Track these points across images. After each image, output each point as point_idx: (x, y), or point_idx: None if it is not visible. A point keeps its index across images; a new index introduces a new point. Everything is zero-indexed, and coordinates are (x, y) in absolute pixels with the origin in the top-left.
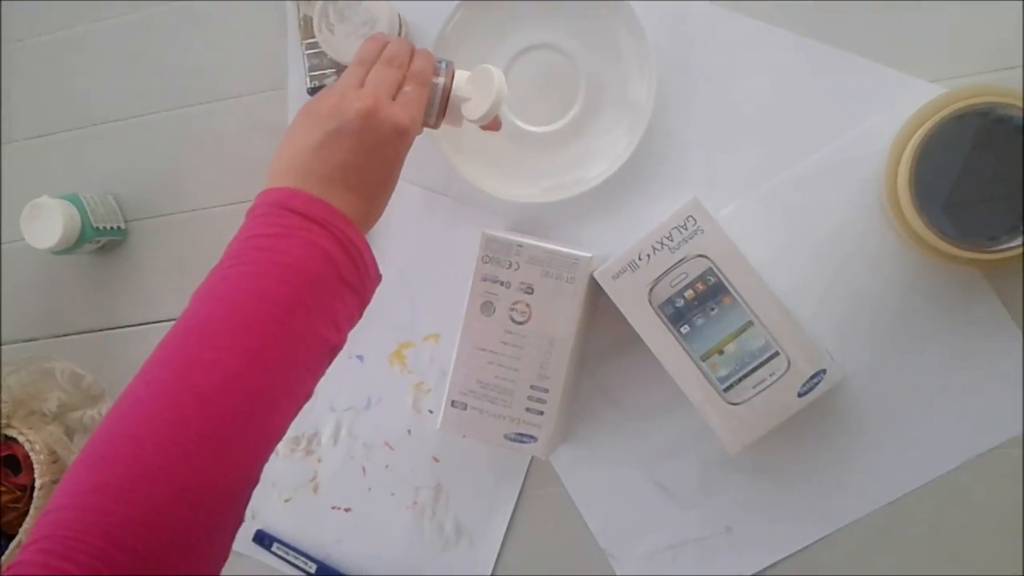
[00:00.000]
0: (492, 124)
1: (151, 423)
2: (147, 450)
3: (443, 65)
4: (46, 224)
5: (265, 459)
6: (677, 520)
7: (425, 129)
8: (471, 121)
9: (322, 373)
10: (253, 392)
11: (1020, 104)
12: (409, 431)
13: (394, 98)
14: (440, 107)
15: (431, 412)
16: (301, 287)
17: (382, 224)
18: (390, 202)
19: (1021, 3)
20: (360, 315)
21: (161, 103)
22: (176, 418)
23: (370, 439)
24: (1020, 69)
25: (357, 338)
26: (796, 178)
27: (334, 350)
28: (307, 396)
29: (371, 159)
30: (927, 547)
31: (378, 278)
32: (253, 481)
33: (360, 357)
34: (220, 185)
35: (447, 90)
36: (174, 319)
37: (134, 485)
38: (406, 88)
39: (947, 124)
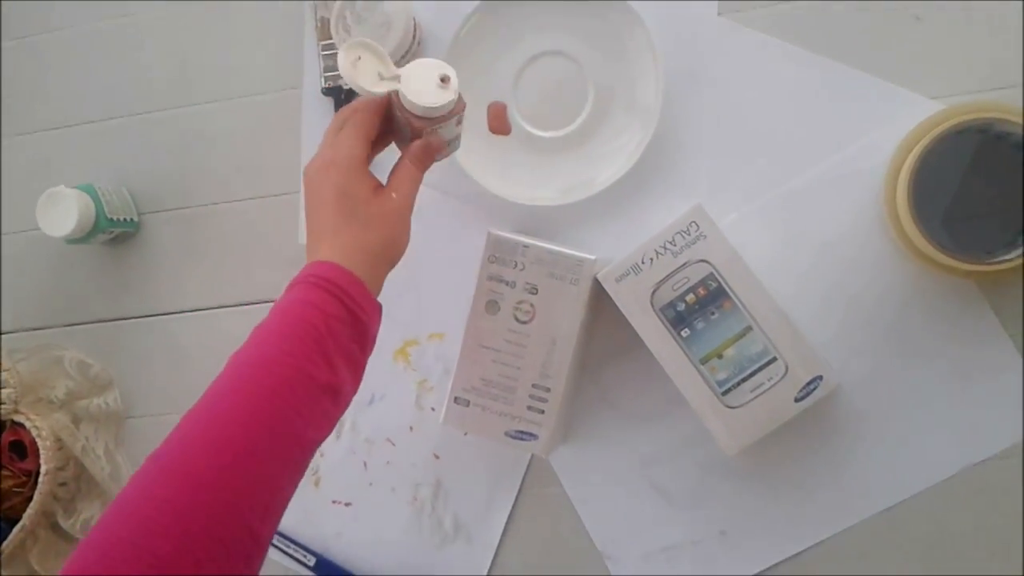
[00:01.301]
0: (501, 128)
1: (132, 493)
2: (117, 523)
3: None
4: (62, 213)
5: (268, 514)
6: (673, 522)
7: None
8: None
9: (321, 414)
10: (228, 446)
11: (1019, 121)
12: (411, 428)
13: None
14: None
15: (433, 409)
16: (279, 341)
17: None
18: None
19: (1022, 19)
20: (360, 346)
21: (177, 99)
22: (152, 493)
23: (372, 435)
24: (1021, 88)
25: None
26: (798, 189)
27: (330, 388)
28: (303, 441)
29: (314, 203)
30: (920, 555)
31: (369, 302)
32: (257, 540)
33: None
34: (232, 182)
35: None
36: (182, 311)
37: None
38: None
39: (946, 139)
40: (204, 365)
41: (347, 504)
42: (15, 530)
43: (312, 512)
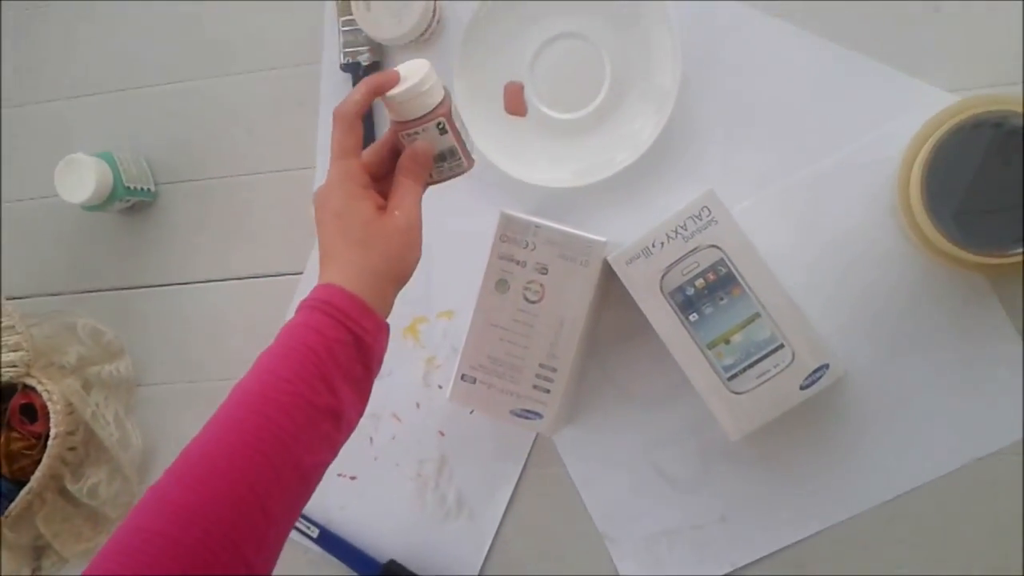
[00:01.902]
0: (517, 109)
1: (129, 525)
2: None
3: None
4: (79, 179)
5: (264, 544)
6: (674, 506)
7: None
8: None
9: (322, 439)
10: (223, 478)
11: None
12: (418, 404)
13: None
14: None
15: (440, 387)
16: (278, 368)
17: None
18: None
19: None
20: (365, 367)
21: (198, 71)
22: (145, 526)
23: (379, 410)
24: None
25: None
26: (812, 177)
27: (331, 412)
28: (303, 468)
29: (319, 226)
30: (921, 548)
31: (372, 323)
32: (253, 571)
33: None
34: (250, 154)
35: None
36: (196, 282)
37: None
38: None
39: (961, 131)
40: (216, 336)
41: (352, 478)
42: (23, 492)
43: None
